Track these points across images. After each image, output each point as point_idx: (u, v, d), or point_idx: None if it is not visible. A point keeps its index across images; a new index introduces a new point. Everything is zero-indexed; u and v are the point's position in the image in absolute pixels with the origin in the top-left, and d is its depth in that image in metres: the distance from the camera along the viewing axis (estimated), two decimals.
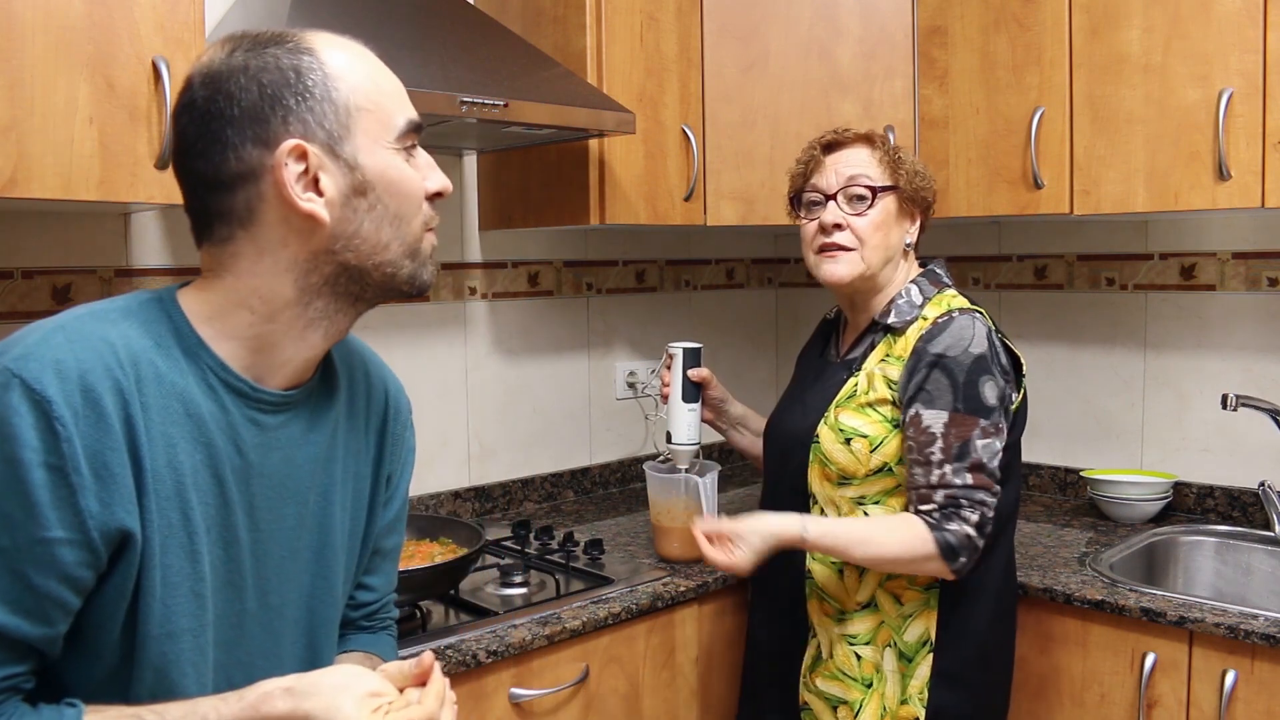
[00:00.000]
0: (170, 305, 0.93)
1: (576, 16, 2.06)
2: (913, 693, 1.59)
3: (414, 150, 0.98)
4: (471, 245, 2.35)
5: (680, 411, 1.93)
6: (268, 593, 0.97)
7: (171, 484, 0.88)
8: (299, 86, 0.90)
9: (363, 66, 0.95)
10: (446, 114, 1.68)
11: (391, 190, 0.94)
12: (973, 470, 1.53)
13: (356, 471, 1.08)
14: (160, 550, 0.87)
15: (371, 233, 0.94)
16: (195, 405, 0.90)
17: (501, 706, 1.61)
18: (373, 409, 1.11)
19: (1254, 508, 2.18)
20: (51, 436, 0.80)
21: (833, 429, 1.64)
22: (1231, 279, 2.24)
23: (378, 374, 1.14)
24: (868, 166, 1.66)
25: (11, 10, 1.33)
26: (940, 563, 1.52)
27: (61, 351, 0.83)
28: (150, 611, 0.87)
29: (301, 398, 0.99)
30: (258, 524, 0.96)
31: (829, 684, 1.66)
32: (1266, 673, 1.61)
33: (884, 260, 1.66)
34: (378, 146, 0.94)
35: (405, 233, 0.96)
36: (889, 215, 1.66)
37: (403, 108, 0.97)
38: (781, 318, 3.05)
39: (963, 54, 2.17)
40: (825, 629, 1.67)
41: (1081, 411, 2.46)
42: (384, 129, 0.94)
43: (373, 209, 0.93)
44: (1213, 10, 1.85)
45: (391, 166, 0.94)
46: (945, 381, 1.55)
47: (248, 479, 0.94)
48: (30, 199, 1.37)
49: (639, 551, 2.05)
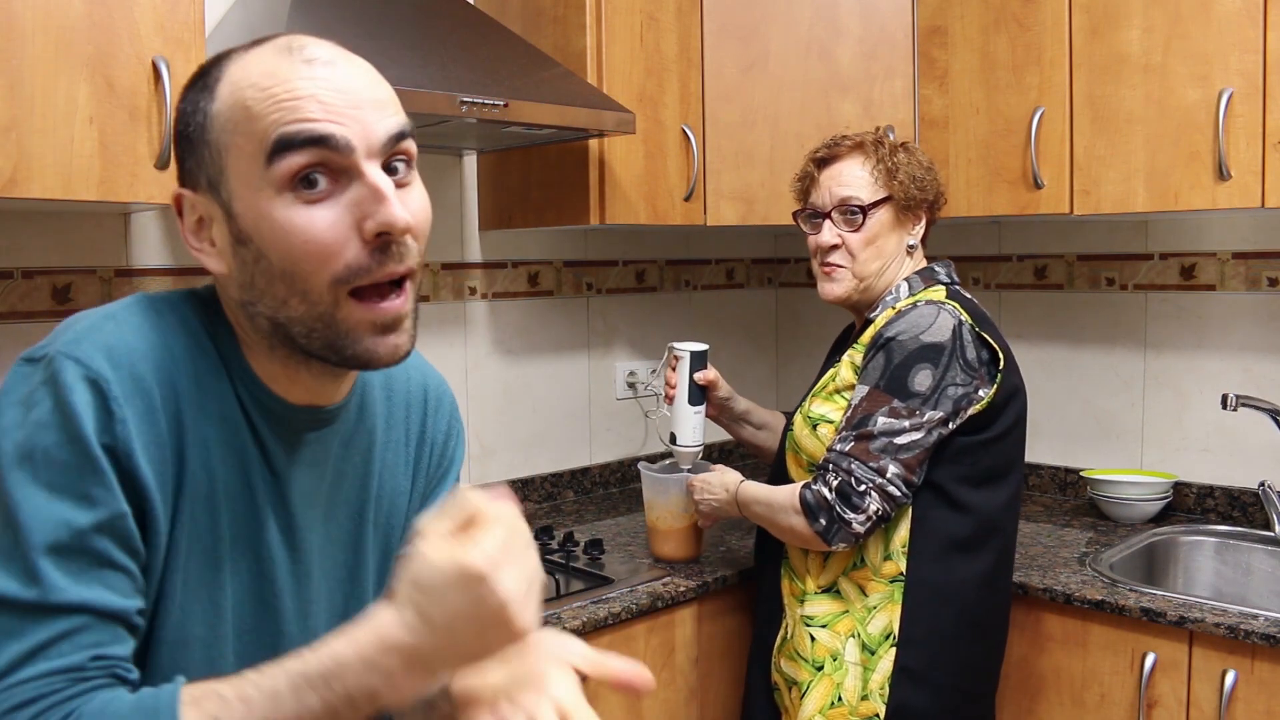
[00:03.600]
0: (213, 308, 0.88)
1: (576, 16, 2.06)
2: (874, 688, 1.58)
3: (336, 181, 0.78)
4: (471, 245, 2.35)
5: (686, 414, 1.92)
6: (307, 615, 0.93)
7: (206, 487, 0.85)
8: (189, 132, 0.82)
9: (248, 78, 0.79)
10: (446, 114, 1.68)
11: (270, 242, 0.78)
12: (857, 440, 1.55)
13: (394, 488, 1.02)
14: (186, 553, 0.84)
15: (265, 288, 0.80)
16: (231, 411, 0.86)
17: None
18: (412, 412, 1.04)
19: (1254, 508, 2.18)
20: (107, 415, 0.78)
21: (804, 416, 1.69)
22: (1231, 279, 2.24)
23: (418, 375, 1.06)
24: (859, 183, 1.69)
25: (12, 10, 1.33)
26: (801, 519, 1.58)
27: (113, 339, 0.80)
28: (167, 615, 0.84)
29: (334, 416, 0.93)
30: (295, 543, 0.91)
31: (788, 665, 1.69)
32: (1266, 673, 1.61)
33: (879, 269, 1.70)
34: (248, 188, 0.78)
35: (307, 292, 0.79)
36: (883, 227, 1.68)
37: (273, 125, 0.77)
38: (781, 318, 3.05)
39: (963, 54, 2.17)
40: (791, 609, 1.70)
41: (1081, 411, 2.46)
42: (250, 162, 0.78)
43: (257, 263, 0.79)
44: (1213, 10, 1.85)
45: (264, 213, 0.78)
46: (881, 361, 1.58)
47: (281, 494, 0.90)
48: (30, 199, 1.37)
49: (639, 551, 2.05)
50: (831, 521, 1.55)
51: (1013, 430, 1.63)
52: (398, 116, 0.83)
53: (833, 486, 1.55)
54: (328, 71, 0.80)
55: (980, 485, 1.60)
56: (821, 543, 1.57)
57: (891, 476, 1.54)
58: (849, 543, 1.57)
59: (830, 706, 1.61)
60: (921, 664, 1.57)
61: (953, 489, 1.59)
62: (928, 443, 1.55)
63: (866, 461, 1.54)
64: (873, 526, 1.56)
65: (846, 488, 1.54)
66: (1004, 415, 1.61)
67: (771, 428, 1.99)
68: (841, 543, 1.57)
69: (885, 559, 1.60)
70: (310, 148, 0.77)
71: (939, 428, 1.55)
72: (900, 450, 1.54)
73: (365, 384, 0.98)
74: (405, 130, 0.82)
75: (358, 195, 0.78)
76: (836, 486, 1.55)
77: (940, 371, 1.54)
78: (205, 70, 0.84)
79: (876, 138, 1.74)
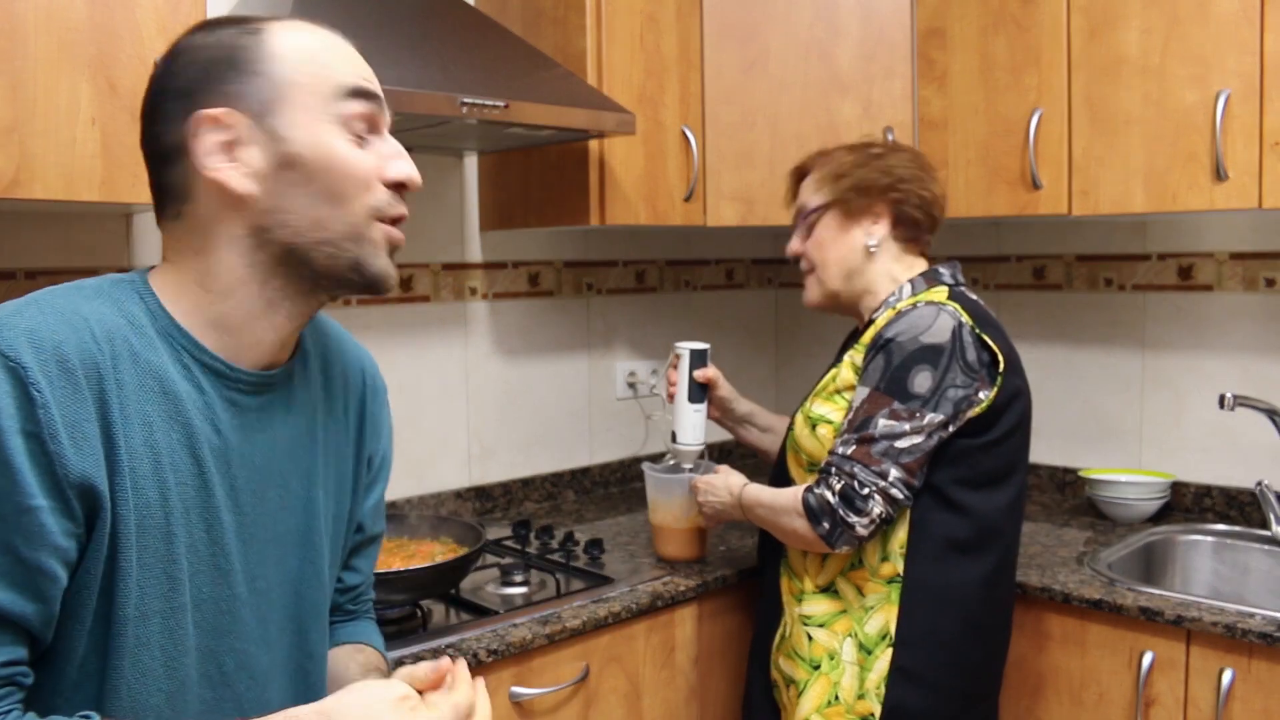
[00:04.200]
0: (141, 286, 0.92)
1: (576, 17, 2.07)
2: (870, 687, 1.59)
3: (372, 133, 0.94)
4: (472, 246, 2.35)
5: (686, 412, 1.93)
6: (255, 577, 0.96)
7: (149, 463, 0.86)
8: (235, 61, 0.90)
9: (310, 42, 0.93)
10: (447, 114, 1.68)
11: (325, 165, 0.90)
12: (859, 443, 1.55)
13: (338, 453, 1.07)
14: (137, 530, 0.85)
15: (305, 210, 0.90)
16: (172, 384, 0.89)
17: (502, 705, 1.61)
18: (350, 389, 1.09)
19: (1251, 507, 2.19)
20: (28, 403, 0.79)
21: (805, 416, 1.69)
22: (1229, 279, 2.25)
23: (353, 353, 1.12)
24: (809, 192, 1.75)
25: (14, 11, 1.33)
26: (804, 522, 1.58)
27: (34, 322, 0.82)
28: (126, 593, 0.85)
29: (279, 379, 0.98)
30: (241, 507, 0.94)
31: (786, 662, 1.69)
32: (1263, 671, 1.62)
33: (844, 272, 1.72)
34: (314, 120, 0.91)
35: (346, 214, 0.92)
36: (831, 230, 1.72)
37: (347, 75, 0.93)
38: (781, 318, 3.06)
39: (961, 55, 2.17)
40: (789, 608, 1.71)
41: (1080, 411, 2.46)
42: (321, 100, 0.91)
43: (306, 184, 0.90)
44: (1210, 12, 1.86)
45: (325, 141, 0.90)
46: (881, 362, 1.57)
47: (228, 461, 0.93)
48: (33, 200, 1.37)
49: (639, 551, 2.06)
50: (835, 525, 1.55)
51: (1014, 433, 1.62)
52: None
53: (836, 490, 1.55)
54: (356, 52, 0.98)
55: (980, 488, 1.60)
56: (824, 546, 1.58)
57: (894, 480, 1.54)
58: (852, 545, 1.58)
59: (827, 705, 1.61)
60: (918, 665, 1.57)
61: (951, 491, 1.58)
62: (928, 446, 1.55)
63: (869, 465, 1.54)
64: (876, 529, 1.56)
65: (850, 491, 1.54)
66: (1005, 418, 1.60)
67: (777, 431, 1.99)
68: (845, 546, 1.57)
69: (883, 560, 1.60)
70: (370, 100, 0.94)
71: (939, 431, 1.55)
72: (901, 454, 1.54)
73: (305, 354, 1.03)
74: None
75: (385, 150, 0.95)
76: (840, 490, 1.55)
77: (940, 373, 1.54)
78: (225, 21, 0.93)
79: (854, 142, 1.77)
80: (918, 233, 1.73)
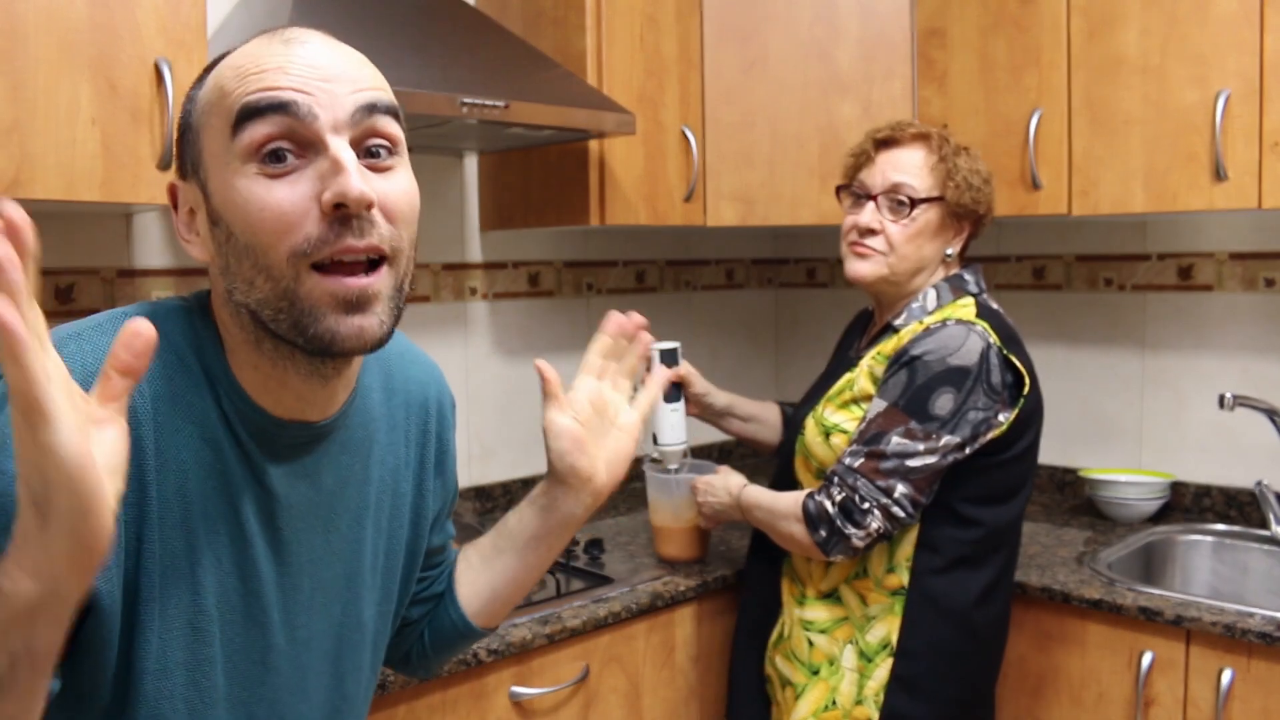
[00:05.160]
0: (200, 318, 0.84)
1: (576, 17, 2.07)
2: (869, 694, 1.58)
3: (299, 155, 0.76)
4: (472, 246, 2.35)
5: (663, 413, 1.92)
6: (296, 627, 0.91)
7: (179, 512, 0.81)
8: (185, 120, 0.83)
9: (233, 61, 0.79)
10: (447, 114, 1.68)
11: (235, 215, 0.76)
12: (868, 457, 1.54)
13: (395, 490, 0.99)
14: (160, 582, 0.80)
15: (236, 269, 0.78)
16: (212, 431, 0.82)
17: (502, 705, 1.61)
18: (412, 416, 1.02)
19: (1251, 507, 2.19)
20: None
21: (817, 422, 1.66)
22: (1229, 279, 2.25)
23: (418, 376, 1.05)
24: (916, 173, 1.63)
25: (14, 11, 1.33)
26: (801, 527, 1.57)
27: (72, 363, 0.74)
28: (147, 645, 0.81)
29: (330, 429, 0.89)
30: (285, 558, 0.88)
31: (784, 663, 1.69)
32: (1263, 671, 1.62)
33: (913, 270, 1.65)
34: (220, 163, 0.77)
35: (270, 268, 0.76)
36: (928, 226, 1.63)
37: (239, 96, 0.76)
38: (781, 318, 3.06)
39: (961, 55, 2.17)
40: (789, 609, 1.70)
41: (1080, 411, 2.46)
42: (220, 136, 0.77)
43: (229, 241, 0.78)
44: (1210, 12, 1.86)
45: (229, 184, 0.76)
46: (904, 379, 1.54)
47: (271, 512, 0.86)
48: (33, 200, 1.37)
49: (639, 551, 2.06)
50: (831, 534, 1.55)
51: (1030, 450, 1.61)
52: (374, 93, 0.80)
53: (836, 500, 1.55)
54: (302, 49, 0.79)
55: (991, 503, 1.59)
56: (819, 553, 1.57)
57: (899, 497, 1.52)
58: (847, 556, 1.57)
59: (824, 709, 1.61)
60: (918, 674, 1.57)
61: (962, 508, 1.57)
62: (941, 466, 1.53)
63: (874, 480, 1.53)
64: (872, 543, 1.56)
65: (849, 503, 1.53)
66: (1024, 437, 1.58)
67: (761, 419, 1.98)
68: (839, 555, 1.57)
69: (888, 571, 1.60)
70: (273, 114, 0.75)
71: (954, 452, 1.53)
72: (911, 472, 1.52)
73: (364, 389, 0.95)
74: (379, 104, 0.79)
75: (321, 168, 0.76)
76: (839, 501, 1.54)
77: (963, 396, 1.51)
78: (206, 68, 0.84)
79: (942, 134, 1.68)
80: (973, 240, 1.72)
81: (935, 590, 1.57)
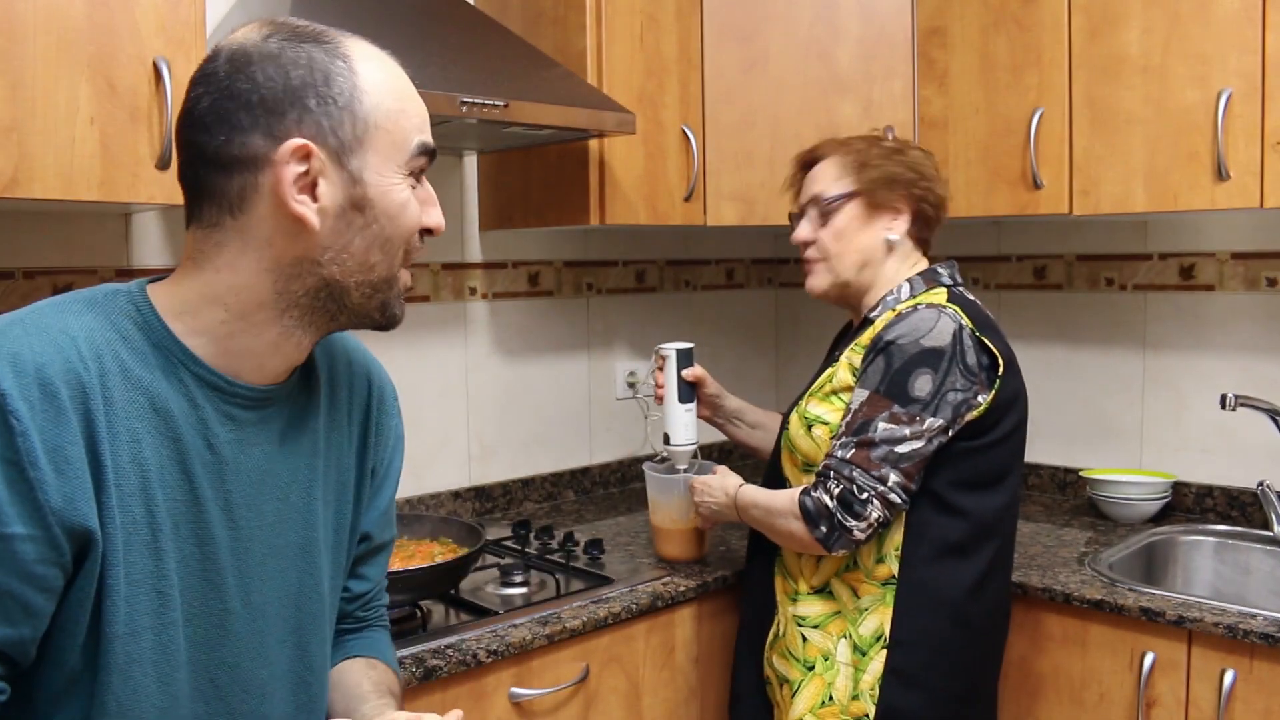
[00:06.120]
0: (138, 298, 0.91)
1: (576, 17, 2.07)
2: (864, 688, 1.58)
3: (421, 179, 0.97)
4: (472, 245, 2.35)
5: (677, 413, 1.93)
6: (251, 591, 0.96)
7: (136, 480, 0.86)
8: (324, 90, 0.89)
9: (393, 85, 0.94)
10: (447, 114, 1.68)
11: (388, 213, 0.93)
12: (859, 446, 1.55)
13: (340, 464, 1.06)
14: (124, 547, 0.85)
15: (360, 251, 0.93)
16: (163, 400, 0.88)
17: (502, 706, 1.61)
18: (355, 399, 1.09)
19: (1253, 507, 2.18)
20: (6, 431, 0.78)
21: (800, 416, 1.68)
22: (1230, 279, 2.24)
23: (360, 362, 1.12)
24: (828, 180, 1.72)
25: (13, 11, 1.33)
26: (800, 524, 1.58)
27: (18, 344, 0.81)
28: (115, 610, 0.85)
29: (279, 393, 0.97)
30: (236, 521, 0.94)
31: (780, 662, 1.69)
32: (1265, 672, 1.61)
33: (859, 264, 1.71)
34: (386, 167, 0.93)
35: (391, 259, 0.95)
36: (852, 221, 1.70)
37: (420, 131, 0.95)
38: (781, 318, 3.05)
39: (962, 55, 2.17)
40: (783, 607, 1.71)
41: (1081, 411, 2.46)
42: (397, 150, 0.93)
43: (366, 228, 0.92)
44: (1211, 11, 1.85)
45: (395, 190, 0.93)
46: (881, 365, 1.57)
47: (222, 476, 0.92)
48: (32, 199, 1.37)
49: (639, 551, 2.05)
50: (832, 529, 1.55)
51: (1012, 435, 1.62)
52: None
53: (834, 494, 1.55)
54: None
55: (976, 489, 1.59)
56: (821, 549, 1.57)
57: (893, 485, 1.54)
58: (849, 549, 1.57)
59: (821, 705, 1.61)
60: (912, 666, 1.57)
61: (947, 493, 1.58)
62: (927, 451, 1.55)
63: (868, 470, 1.54)
64: (873, 533, 1.56)
65: (848, 496, 1.54)
66: (1004, 421, 1.60)
67: (766, 428, 1.99)
68: (841, 549, 1.57)
69: (878, 562, 1.60)
70: (430, 158, 0.97)
71: (939, 436, 1.55)
72: (901, 459, 1.54)
73: (308, 365, 1.02)
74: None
75: (423, 195, 0.97)
76: (838, 495, 1.54)
77: (940, 376, 1.54)
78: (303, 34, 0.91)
79: (865, 135, 1.75)
80: (928, 232, 1.74)
81: (925, 579, 1.58)
